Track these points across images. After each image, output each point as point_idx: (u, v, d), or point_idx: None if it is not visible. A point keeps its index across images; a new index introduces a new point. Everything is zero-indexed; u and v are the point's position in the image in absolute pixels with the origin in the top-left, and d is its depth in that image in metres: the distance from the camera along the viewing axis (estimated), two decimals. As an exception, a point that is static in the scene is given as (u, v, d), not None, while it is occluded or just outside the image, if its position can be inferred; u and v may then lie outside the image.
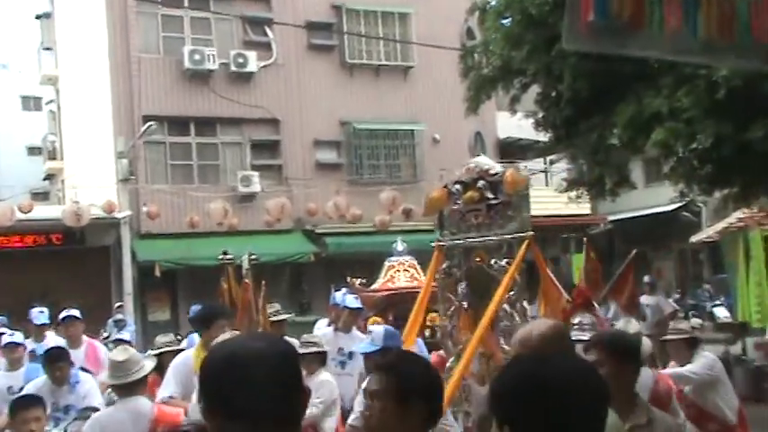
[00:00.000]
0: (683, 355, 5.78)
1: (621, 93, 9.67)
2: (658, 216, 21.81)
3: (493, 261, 5.00)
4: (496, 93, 12.58)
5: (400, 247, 9.43)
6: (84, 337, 7.77)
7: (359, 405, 4.29)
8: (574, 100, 10.44)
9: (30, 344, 8.27)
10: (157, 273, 17.34)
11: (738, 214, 14.39)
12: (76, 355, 6.98)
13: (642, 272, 21.43)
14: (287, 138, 20.58)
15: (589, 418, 1.70)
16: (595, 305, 5.54)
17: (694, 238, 18.48)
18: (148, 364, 4.89)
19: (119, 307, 15.55)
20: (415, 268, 9.10)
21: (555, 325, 2.93)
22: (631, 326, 5.59)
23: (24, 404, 4.85)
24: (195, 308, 10.83)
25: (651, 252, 25.80)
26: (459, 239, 5.33)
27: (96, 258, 18.46)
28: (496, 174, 5.01)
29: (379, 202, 16.97)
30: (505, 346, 4.58)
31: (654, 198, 21.01)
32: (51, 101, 25.69)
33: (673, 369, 5.77)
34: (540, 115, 12.28)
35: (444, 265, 5.40)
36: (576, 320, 5.35)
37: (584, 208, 21.65)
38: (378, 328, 5.04)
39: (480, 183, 5.06)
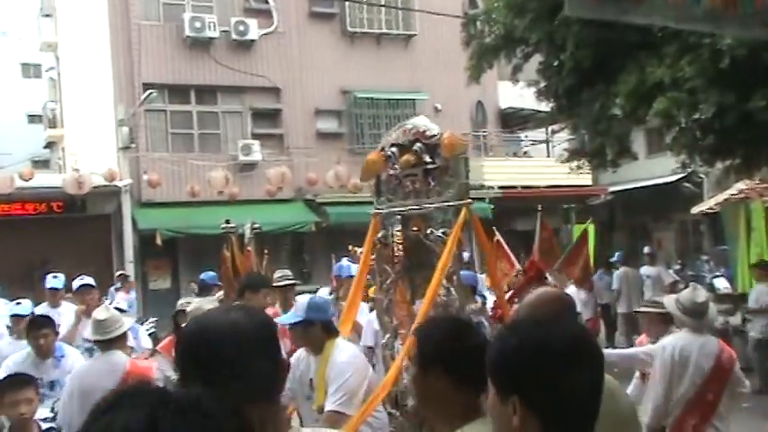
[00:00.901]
0: (656, 330, 5.43)
1: (624, 62, 9.61)
2: (659, 187, 21.77)
3: (429, 231, 4.65)
4: (498, 62, 12.51)
5: (398, 216, 9.34)
6: None
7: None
8: (576, 69, 10.38)
9: (43, 309, 8.32)
10: (158, 241, 17.37)
11: (740, 185, 14.39)
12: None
13: (642, 243, 21.52)
14: (288, 106, 20.51)
15: (594, 382, 1.72)
16: (548, 277, 5.32)
17: (695, 210, 18.50)
18: (127, 322, 5.25)
19: (120, 275, 15.58)
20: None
21: (562, 295, 2.91)
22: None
23: (13, 384, 4.44)
24: (207, 275, 10.93)
25: (652, 223, 25.84)
26: (396, 207, 4.92)
27: (97, 226, 18.48)
28: (434, 136, 4.58)
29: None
30: None
31: (655, 169, 20.96)
32: (51, 68, 25.57)
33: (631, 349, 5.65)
34: (542, 85, 12.23)
35: (380, 235, 5.00)
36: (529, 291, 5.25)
37: (585, 179, 21.61)
38: (302, 299, 4.83)
39: (417, 145, 4.65)
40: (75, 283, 7.60)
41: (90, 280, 7.67)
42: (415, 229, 4.78)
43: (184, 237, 18.36)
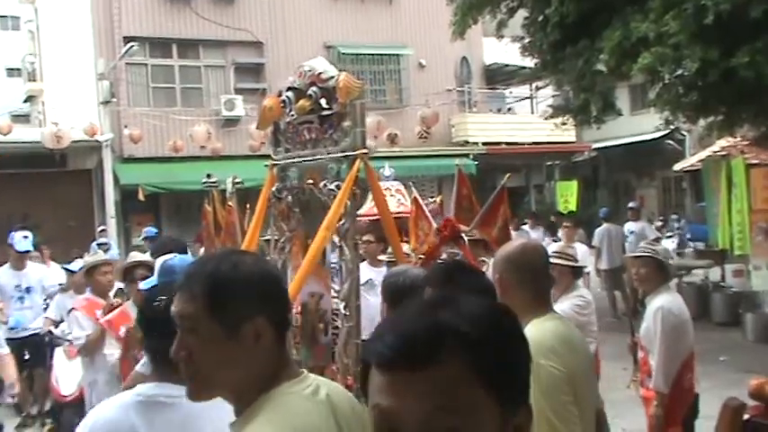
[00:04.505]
0: (563, 284, 5.17)
1: (609, 17, 9.55)
2: (643, 144, 21.86)
3: (322, 184, 4.22)
4: (483, 17, 12.37)
5: (387, 172, 9.31)
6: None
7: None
8: (560, 24, 10.31)
9: (5, 274, 8.28)
10: (141, 197, 17.26)
11: (722, 143, 14.47)
12: None
13: (625, 200, 21.64)
14: (271, 61, 20.26)
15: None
16: (464, 237, 5.01)
17: (677, 167, 18.62)
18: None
19: (102, 231, 15.50)
20: (402, 194, 9.01)
21: (513, 248, 2.91)
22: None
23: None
24: (149, 231, 11.50)
25: (635, 180, 26.02)
26: (291, 157, 4.53)
27: (78, 181, 18.35)
28: (330, 78, 4.15)
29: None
30: (335, 285, 4.03)
31: (639, 126, 21.01)
32: (30, 20, 25.05)
33: None
34: (527, 40, 12.14)
35: (274, 188, 4.62)
36: (444, 254, 4.96)
37: (569, 135, 21.63)
38: (156, 263, 4.40)
39: (312, 89, 4.24)
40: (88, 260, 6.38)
41: (107, 255, 6.94)
42: (310, 181, 4.39)
43: (166, 192, 18.28)
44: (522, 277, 2.76)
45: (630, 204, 14.96)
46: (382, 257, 6.58)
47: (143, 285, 4.52)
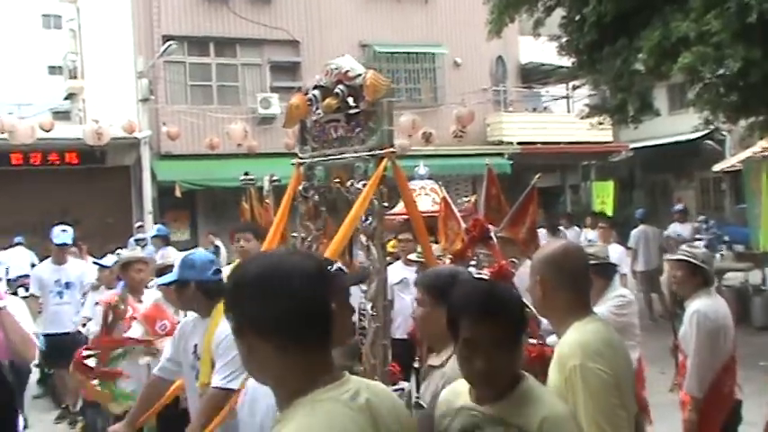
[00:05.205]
0: (598, 284, 4.84)
1: (648, 16, 9.43)
2: (681, 144, 21.54)
3: (350, 183, 4.16)
4: (520, 16, 12.30)
5: (422, 170, 9.30)
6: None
7: None
8: (598, 24, 10.20)
9: (46, 269, 8.39)
10: (178, 193, 17.46)
11: (763, 143, 14.20)
12: None
13: (663, 201, 21.41)
14: (307, 60, 20.36)
15: None
16: (493, 237, 4.90)
17: (717, 167, 18.32)
18: None
19: (139, 226, 15.71)
20: (437, 192, 8.98)
21: (556, 249, 2.86)
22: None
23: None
24: (160, 228, 11.78)
25: (673, 181, 25.65)
26: (318, 156, 4.47)
27: (117, 178, 18.62)
28: (357, 76, 4.09)
29: (398, 126, 16.87)
30: (362, 285, 3.94)
31: (677, 126, 20.71)
32: (72, 19, 25.52)
33: None
34: (564, 40, 12.03)
35: (301, 187, 4.55)
36: (474, 255, 4.88)
37: (605, 135, 21.41)
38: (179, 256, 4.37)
39: (339, 87, 4.18)
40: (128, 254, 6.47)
41: (143, 252, 6.89)
42: (337, 180, 4.35)
43: (203, 189, 18.45)
44: (565, 279, 2.69)
45: (677, 207, 14.82)
46: (412, 256, 6.55)
47: (160, 281, 4.59)
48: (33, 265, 11.03)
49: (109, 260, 7.11)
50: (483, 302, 2.20)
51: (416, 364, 5.48)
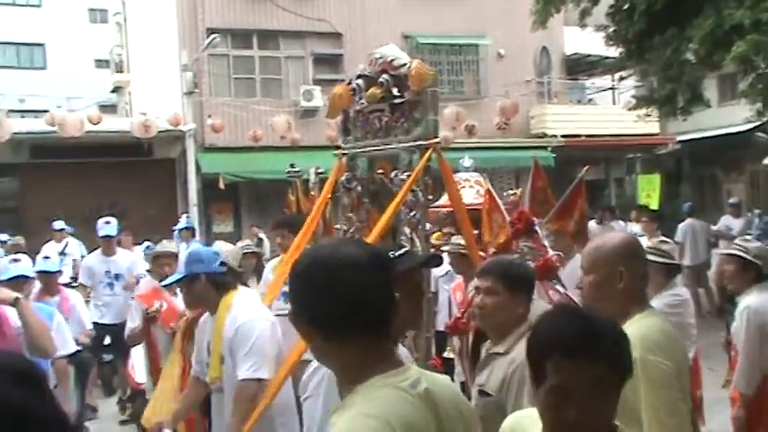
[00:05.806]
0: (657, 282, 4.87)
1: (700, 4, 9.22)
2: (731, 137, 21.05)
3: (394, 174, 4.09)
4: (566, 6, 12.13)
5: (467, 162, 9.23)
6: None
7: None
8: (648, 12, 10.02)
9: (96, 259, 8.43)
10: (221, 185, 17.60)
11: (817, 136, 13.83)
12: None
13: (712, 194, 20.96)
14: (349, 52, 20.34)
15: None
16: (537, 230, 4.83)
17: (768, 161, 17.89)
18: None
19: (186, 219, 15.85)
20: (481, 185, 8.91)
21: (629, 239, 2.80)
22: None
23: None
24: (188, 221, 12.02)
25: (721, 174, 25.10)
26: (361, 146, 4.39)
27: (162, 170, 18.83)
28: (402, 66, 4.03)
29: (442, 118, 16.76)
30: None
31: (727, 118, 20.24)
32: (118, 13, 25.87)
33: None
34: (612, 29, 11.84)
35: (344, 178, 4.47)
36: (518, 247, 4.78)
37: (651, 127, 21.01)
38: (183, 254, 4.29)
39: (383, 77, 4.10)
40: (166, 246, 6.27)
41: (172, 246, 6.33)
42: (380, 171, 4.29)
43: (246, 181, 18.58)
44: (640, 269, 2.67)
45: (731, 200, 14.53)
46: (445, 248, 6.50)
47: (166, 282, 4.62)
48: (83, 257, 11.21)
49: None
50: (578, 340, 1.66)
51: (448, 355, 5.42)
